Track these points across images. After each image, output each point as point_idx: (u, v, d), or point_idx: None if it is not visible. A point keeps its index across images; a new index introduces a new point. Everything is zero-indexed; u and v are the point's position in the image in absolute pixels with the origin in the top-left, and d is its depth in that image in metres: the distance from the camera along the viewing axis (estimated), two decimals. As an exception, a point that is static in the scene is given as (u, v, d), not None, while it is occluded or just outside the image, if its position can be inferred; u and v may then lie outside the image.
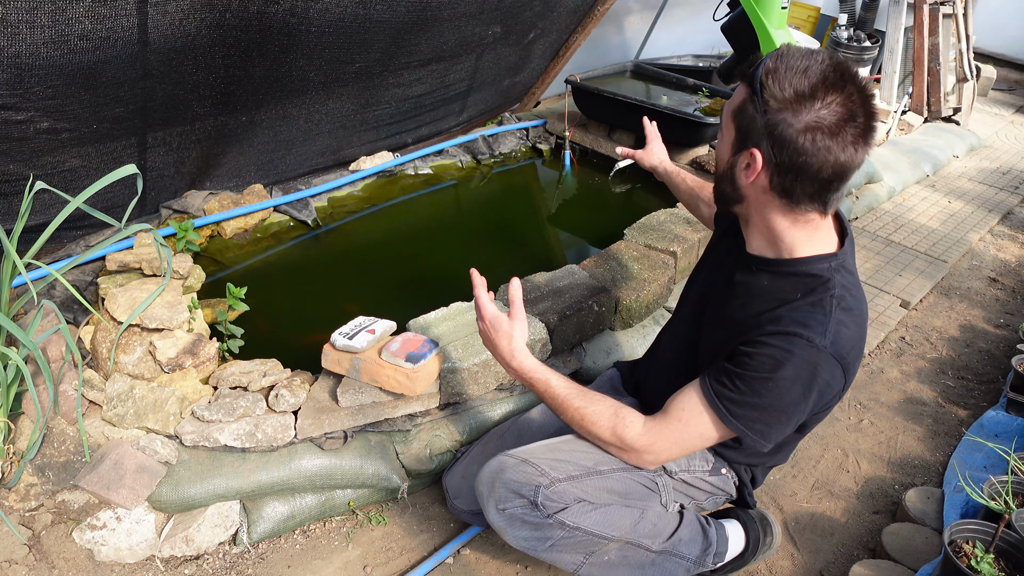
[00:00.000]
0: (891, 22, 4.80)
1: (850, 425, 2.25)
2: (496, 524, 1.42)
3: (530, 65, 3.61)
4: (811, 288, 1.27)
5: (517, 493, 1.38)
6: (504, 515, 1.39)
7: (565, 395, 1.43)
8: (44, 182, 1.58)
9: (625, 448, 1.39)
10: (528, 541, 1.40)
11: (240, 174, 2.70)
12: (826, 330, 1.22)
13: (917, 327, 2.83)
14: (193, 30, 1.93)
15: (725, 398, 1.28)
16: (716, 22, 4.22)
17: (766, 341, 1.24)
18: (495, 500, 1.40)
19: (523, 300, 2.06)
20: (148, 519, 1.59)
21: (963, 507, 1.83)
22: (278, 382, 1.74)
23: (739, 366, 1.27)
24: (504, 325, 1.45)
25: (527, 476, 1.37)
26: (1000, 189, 4.29)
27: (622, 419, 1.39)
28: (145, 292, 1.86)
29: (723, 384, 1.29)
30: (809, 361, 1.22)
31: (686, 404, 1.34)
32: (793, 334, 1.22)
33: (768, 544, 1.63)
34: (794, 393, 1.24)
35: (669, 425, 1.35)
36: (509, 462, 1.41)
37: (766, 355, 1.23)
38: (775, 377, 1.23)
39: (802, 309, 1.25)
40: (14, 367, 1.53)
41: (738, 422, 1.28)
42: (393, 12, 2.40)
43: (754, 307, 1.32)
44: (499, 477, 1.40)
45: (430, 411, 1.83)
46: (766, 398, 1.25)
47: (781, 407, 1.26)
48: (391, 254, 2.67)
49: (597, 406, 1.41)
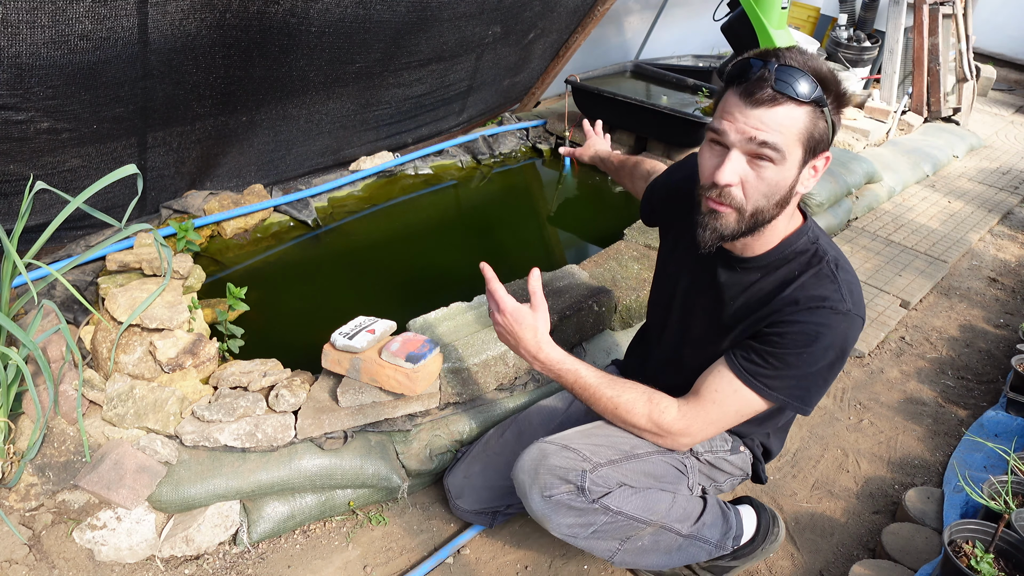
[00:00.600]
0: (891, 22, 4.80)
1: (850, 425, 2.25)
2: (540, 512, 1.39)
3: (530, 65, 3.61)
4: (805, 264, 1.31)
5: (563, 479, 1.36)
6: (550, 502, 1.38)
7: (596, 384, 1.40)
8: (44, 182, 1.58)
9: (662, 433, 1.39)
10: (571, 528, 1.40)
11: (240, 174, 2.70)
12: (843, 295, 1.26)
13: (917, 327, 2.83)
14: (193, 30, 1.93)
15: (759, 376, 1.30)
16: (716, 22, 4.22)
17: (793, 319, 1.27)
18: (539, 487, 1.38)
19: (524, 300, 2.07)
20: (148, 519, 1.59)
21: (963, 507, 1.83)
22: (278, 382, 1.74)
23: (769, 344, 1.29)
24: (527, 317, 1.38)
25: (570, 462, 1.37)
26: (1000, 189, 4.29)
27: (657, 405, 1.39)
28: (145, 292, 1.86)
29: (753, 362, 1.31)
30: (840, 328, 1.26)
31: (718, 384, 1.34)
32: (817, 308, 1.26)
33: (776, 534, 1.65)
34: (829, 357, 1.28)
35: (704, 406, 1.36)
36: (550, 448, 1.39)
37: (797, 331, 1.26)
38: (811, 350, 1.26)
39: (810, 285, 1.28)
40: (14, 367, 1.53)
41: (778, 394, 1.31)
42: (393, 12, 2.40)
43: (755, 302, 1.34)
44: (543, 464, 1.38)
45: (430, 411, 1.83)
46: (803, 368, 1.28)
47: (817, 372, 1.29)
48: (391, 254, 2.67)
49: (630, 394, 1.40)
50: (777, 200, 1.23)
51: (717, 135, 1.21)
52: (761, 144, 1.16)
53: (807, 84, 1.14)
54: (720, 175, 1.20)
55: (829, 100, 1.17)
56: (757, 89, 1.14)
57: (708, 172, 1.24)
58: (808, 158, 1.21)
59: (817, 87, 1.15)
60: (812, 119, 1.17)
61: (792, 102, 1.15)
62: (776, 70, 1.14)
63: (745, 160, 1.19)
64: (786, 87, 1.13)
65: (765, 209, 1.23)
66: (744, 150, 1.19)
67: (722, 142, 1.21)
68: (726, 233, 1.26)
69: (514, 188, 3.35)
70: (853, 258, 3.22)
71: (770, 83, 1.14)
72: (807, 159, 1.21)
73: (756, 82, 1.15)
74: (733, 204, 1.23)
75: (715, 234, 1.27)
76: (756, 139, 1.16)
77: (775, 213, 1.25)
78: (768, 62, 1.15)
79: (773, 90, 1.14)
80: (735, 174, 1.20)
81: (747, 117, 1.16)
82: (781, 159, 1.17)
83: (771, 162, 1.18)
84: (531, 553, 1.71)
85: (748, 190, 1.21)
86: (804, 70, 1.14)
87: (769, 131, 1.15)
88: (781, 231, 1.32)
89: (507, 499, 1.69)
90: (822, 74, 1.16)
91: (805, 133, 1.17)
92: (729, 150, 1.20)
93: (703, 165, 1.26)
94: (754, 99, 1.15)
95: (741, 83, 1.17)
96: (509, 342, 1.41)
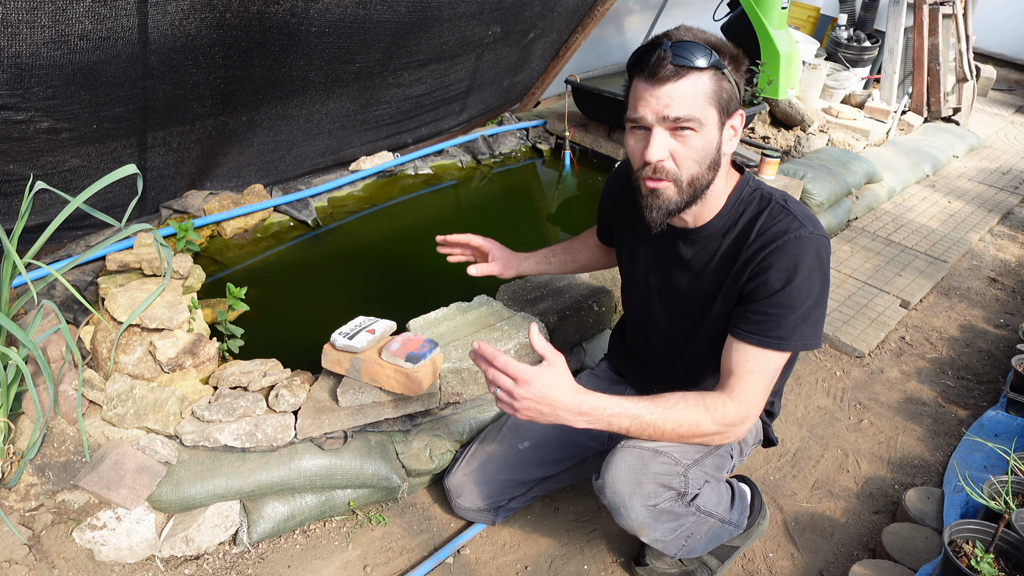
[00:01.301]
0: (891, 22, 4.80)
1: (850, 425, 2.25)
2: (640, 521, 1.37)
3: (530, 65, 3.61)
4: (756, 210, 1.37)
5: (666, 486, 1.36)
6: (654, 511, 1.37)
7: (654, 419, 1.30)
8: (44, 182, 1.58)
9: (728, 428, 1.33)
10: (665, 535, 1.41)
11: (240, 174, 2.70)
12: (801, 222, 1.32)
13: (917, 327, 2.83)
14: (193, 30, 1.93)
15: (768, 334, 1.32)
16: (716, 22, 4.23)
17: (768, 263, 1.31)
18: (643, 496, 1.35)
19: (524, 300, 2.08)
20: (148, 519, 1.59)
21: (963, 507, 1.83)
22: (278, 382, 1.74)
23: (759, 297, 1.32)
24: (552, 375, 1.22)
25: (668, 467, 1.36)
26: (1000, 189, 4.29)
27: (713, 407, 1.32)
28: (145, 292, 1.86)
29: (758, 324, 1.32)
30: (811, 250, 1.30)
31: (746, 356, 1.33)
32: (783, 243, 1.30)
33: (765, 510, 1.73)
34: (815, 283, 1.31)
35: (748, 381, 1.34)
36: (646, 454, 1.35)
37: (777, 271, 1.30)
38: (797, 282, 1.29)
39: (768, 225, 1.34)
40: (14, 367, 1.53)
41: (793, 343, 1.32)
42: (393, 12, 2.40)
43: (726, 260, 1.39)
44: (645, 472, 1.34)
45: (430, 411, 1.83)
46: (799, 308, 1.30)
47: (814, 302, 1.32)
48: (391, 254, 2.67)
49: (684, 411, 1.31)
50: (708, 164, 1.30)
51: (636, 122, 1.28)
52: (677, 118, 1.23)
53: (702, 52, 1.22)
54: (649, 153, 1.26)
55: (726, 62, 1.25)
56: (659, 69, 1.22)
57: (638, 155, 1.30)
58: (724, 118, 1.28)
59: (712, 53, 1.23)
60: (716, 82, 1.24)
61: (694, 71, 1.22)
62: (671, 47, 1.22)
63: (668, 135, 1.26)
64: (684, 60, 1.21)
65: (700, 175, 1.30)
66: (664, 127, 1.25)
67: (643, 126, 1.27)
68: (671, 207, 1.32)
69: (514, 188, 3.35)
70: (853, 258, 3.22)
71: (669, 60, 1.21)
72: (723, 119, 1.28)
73: (656, 63, 1.22)
74: (669, 176, 1.29)
75: (661, 211, 1.33)
76: (671, 115, 1.23)
77: (710, 177, 1.32)
78: (662, 43, 1.23)
79: (674, 65, 1.21)
80: (663, 149, 1.26)
81: (658, 97, 1.23)
82: (700, 125, 1.25)
83: (692, 130, 1.25)
84: (531, 553, 1.71)
85: (679, 160, 1.28)
86: (697, 42, 1.23)
87: (681, 103, 1.23)
88: (723, 192, 1.38)
89: (508, 493, 1.70)
90: (713, 42, 1.25)
91: (714, 96, 1.25)
92: (651, 130, 1.26)
93: (632, 152, 1.32)
94: (658, 78, 1.22)
95: (643, 68, 1.24)
96: (543, 413, 1.23)
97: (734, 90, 1.28)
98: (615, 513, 1.39)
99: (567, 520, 1.81)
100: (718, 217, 1.39)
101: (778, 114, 4.18)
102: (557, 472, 1.73)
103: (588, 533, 1.78)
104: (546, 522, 1.80)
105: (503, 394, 1.22)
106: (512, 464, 1.69)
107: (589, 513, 1.83)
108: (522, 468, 1.69)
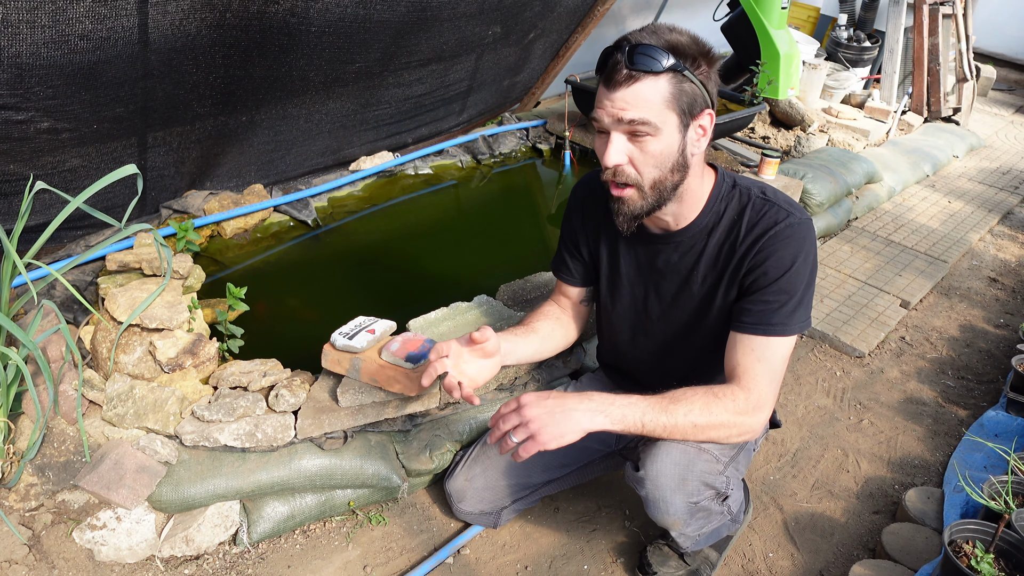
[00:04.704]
0: (891, 22, 4.80)
1: (850, 425, 2.25)
2: (677, 516, 1.38)
3: (530, 65, 3.61)
4: (738, 206, 1.38)
5: (709, 485, 1.38)
6: (694, 508, 1.38)
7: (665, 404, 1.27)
8: (44, 182, 1.58)
9: (742, 418, 1.30)
10: (694, 530, 1.44)
11: (240, 174, 2.70)
12: (786, 211, 1.34)
13: (917, 327, 2.83)
14: (193, 30, 1.93)
15: (770, 321, 1.33)
16: (716, 22, 4.22)
17: (764, 255, 1.33)
18: (686, 494, 1.36)
19: (523, 300, 2.08)
20: (148, 519, 1.59)
21: (963, 507, 1.83)
22: (278, 382, 1.74)
23: (759, 288, 1.34)
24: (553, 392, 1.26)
25: (711, 465, 1.38)
26: (1000, 189, 4.29)
27: (724, 395, 1.30)
28: (145, 292, 1.86)
29: (757, 313, 1.34)
30: (800, 237, 1.32)
31: (750, 347, 1.34)
32: (774, 233, 1.32)
33: (751, 504, 1.78)
34: (808, 268, 1.34)
35: (755, 370, 1.33)
36: (691, 451, 1.36)
37: (773, 261, 1.32)
38: (794, 268, 1.31)
39: (755, 219, 1.35)
40: (14, 367, 1.53)
41: (796, 327, 1.34)
42: (393, 12, 2.40)
43: (718, 260, 1.39)
44: (691, 470, 1.36)
45: (430, 411, 1.83)
46: (796, 292, 1.33)
47: (807, 285, 1.34)
48: (391, 254, 2.67)
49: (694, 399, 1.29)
50: (670, 167, 1.28)
51: (597, 124, 1.28)
52: (631, 122, 1.23)
53: (659, 56, 1.20)
54: (607, 158, 1.27)
55: (687, 63, 1.23)
56: (615, 73, 1.22)
57: (600, 158, 1.30)
58: (687, 120, 1.26)
59: (670, 56, 1.21)
60: (675, 85, 1.22)
61: (649, 75, 1.21)
62: (627, 51, 1.20)
63: (626, 139, 1.26)
64: (639, 64, 1.20)
65: (662, 178, 1.29)
66: (620, 130, 1.25)
67: (603, 129, 1.27)
68: (636, 211, 1.33)
69: (514, 188, 3.35)
70: (853, 258, 3.22)
71: (623, 64, 1.21)
72: (686, 121, 1.26)
73: (613, 68, 1.22)
74: (630, 181, 1.29)
75: (628, 217, 1.34)
76: (625, 119, 1.23)
77: (677, 179, 1.31)
78: (621, 47, 1.22)
79: (629, 70, 1.20)
80: (621, 154, 1.26)
81: (613, 101, 1.23)
82: (656, 130, 1.23)
83: (648, 135, 1.24)
84: (531, 553, 1.71)
85: (638, 165, 1.28)
86: (656, 45, 1.21)
87: (634, 107, 1.22)
88: (701, 192, 1.38)
89: (510, 497, 1.69)
90: (674, 43, 1.22)
91: (672, 99, 1.23)
92: (610, 134, 1.26)
93: (599, 153, 1.32)
94: (614, 82, 1.22)
95: (603, 73, 1.24)
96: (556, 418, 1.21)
97: (698, 90, 1.25)
98: (651, 506, 1.39)
99: (567, 520, 1.81)
100: (701, 216, 1.39)
101: (778, 114, 4.19)
102: (561, 475, 1.73)
103: (588, 533, 1.78)
104: (546, 522, 1.80)
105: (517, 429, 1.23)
106: (516, 468, 1.68)
107: (589, 513, 1.83)
108: (526, 472, 1.69)
